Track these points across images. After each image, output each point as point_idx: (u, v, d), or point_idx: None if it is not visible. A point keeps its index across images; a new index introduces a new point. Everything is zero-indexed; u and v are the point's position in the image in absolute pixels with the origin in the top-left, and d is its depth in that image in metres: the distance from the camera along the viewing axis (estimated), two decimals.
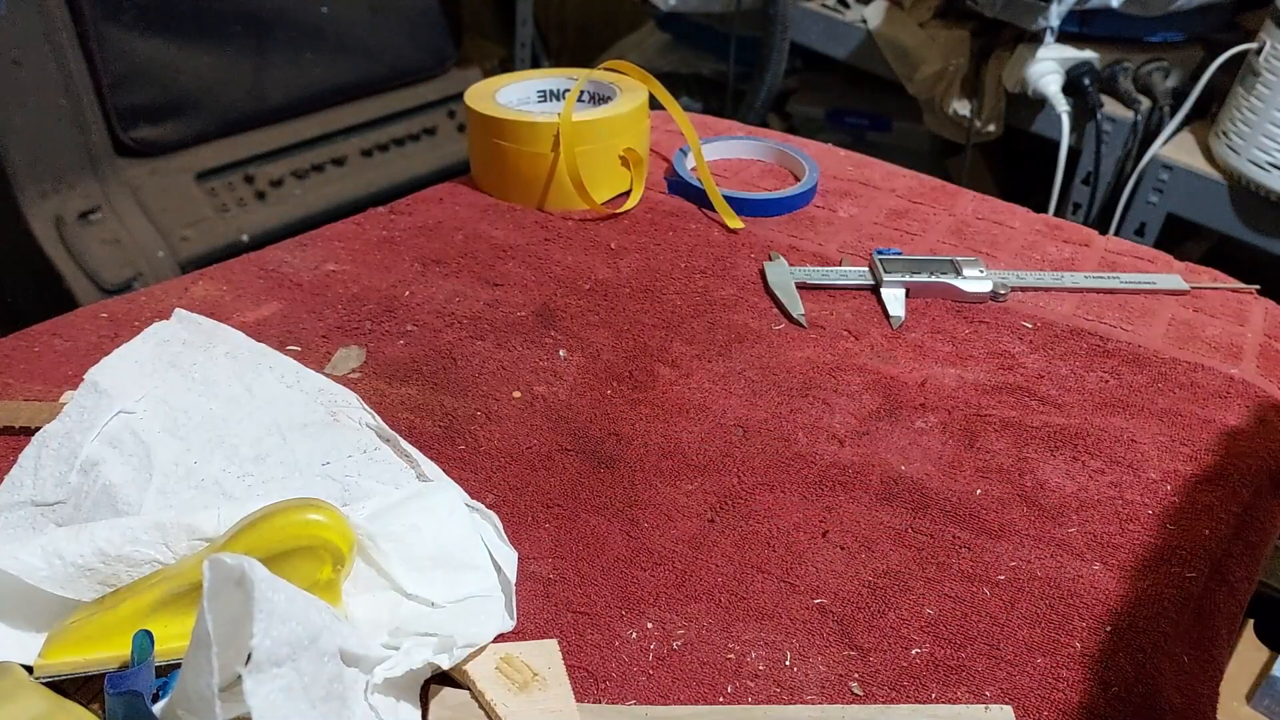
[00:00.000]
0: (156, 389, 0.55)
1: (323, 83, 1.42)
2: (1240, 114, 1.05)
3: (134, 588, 0.41)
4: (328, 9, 1.38)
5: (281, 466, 0.50)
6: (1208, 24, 1.17)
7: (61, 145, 1.17)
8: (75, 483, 0.48)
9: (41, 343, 0.61)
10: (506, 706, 0.40)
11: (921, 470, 0.55)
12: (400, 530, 0.44)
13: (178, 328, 0.60)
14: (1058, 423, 0.58)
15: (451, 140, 1.57)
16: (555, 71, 0.88)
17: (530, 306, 0.68)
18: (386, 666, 0.38)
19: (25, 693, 0.36)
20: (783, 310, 0.68)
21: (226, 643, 0.32)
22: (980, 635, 0.45)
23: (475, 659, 0.42)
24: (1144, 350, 0.65)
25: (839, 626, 0.45)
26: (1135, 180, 1.15)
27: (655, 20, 1.64)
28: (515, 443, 0.56)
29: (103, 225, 1.20)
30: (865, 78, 1.38)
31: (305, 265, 0.71)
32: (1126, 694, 0.43)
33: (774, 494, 0.53)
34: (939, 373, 0.63)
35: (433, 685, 0.42)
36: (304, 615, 0.34)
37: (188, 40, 1.25)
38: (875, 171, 0.90)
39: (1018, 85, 1.17)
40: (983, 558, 0.49)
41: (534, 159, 0.79)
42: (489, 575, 0.44)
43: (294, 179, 1.39)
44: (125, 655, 0.38)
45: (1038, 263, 0.76)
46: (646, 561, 0.48)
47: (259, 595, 0.32)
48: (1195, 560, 0.50)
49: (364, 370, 0.61)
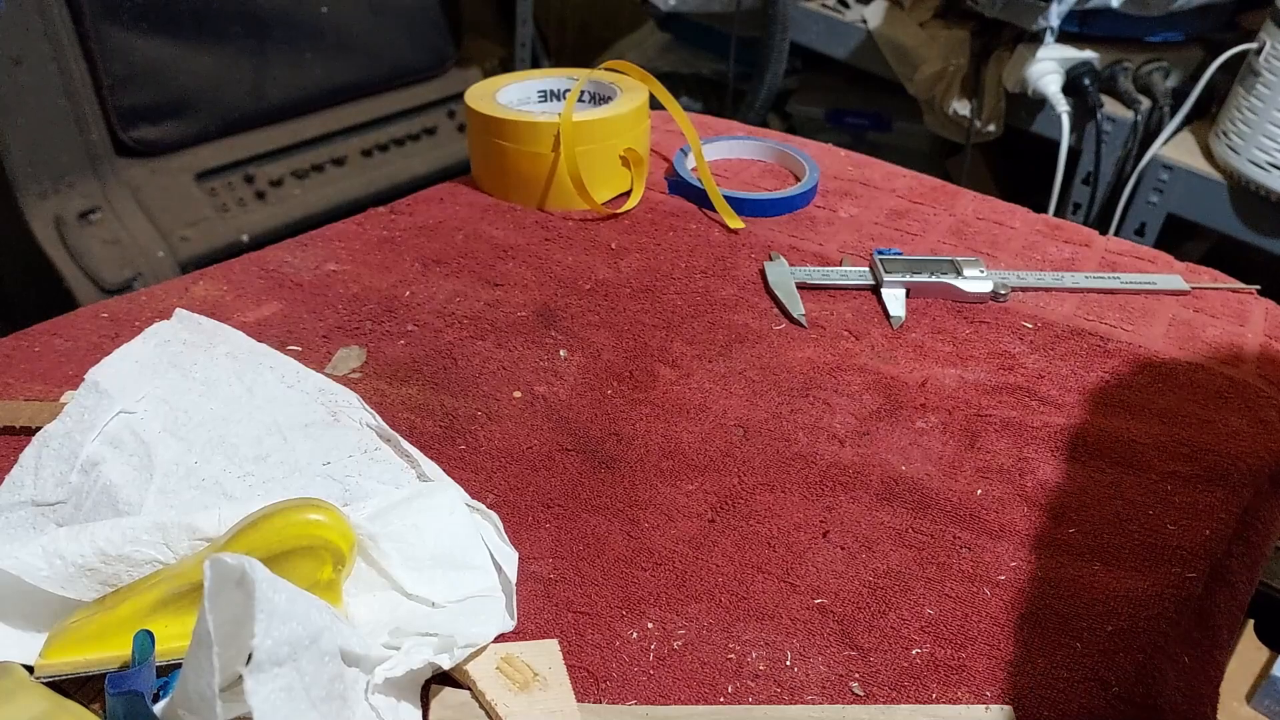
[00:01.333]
0: (157, 389, 0.55)
1: (323, 83, 1.42)
2: (1240, 114, 1.05)
3: (134, 588, 0.41)
4: (328, 9, 1.38)
5: (282, 466, 0.50)
6: (1208, 24, 1.17)
7: (61, 145, 1.17)
8: (76, 482, 0.48)
9: (41, 343, 0.61)
10: (507, 706, 0.40)
11: (922, 470, 0.55)
12: (401, 530, 0.44)
13: (178, 328, 0.60)
14: (1058, 423, 0.58)
15: (451, 140, 1.57)
16: (555, 71, 0.88)
17: (531, 306, 0.68)
18: (387, 667, 0.38)
19: (26, 692, 0.36)
20: (783, 310, 0.68)
21: (227, 642, 0.33)
22: (980, 635, 0.45)
23: (476, 659, 0.42)
24: (1144, 350, 0.65)
25: (839, 626, 0.45)
26: (1135, 180, 1.15)
27: (655, 20, 1.64)
28: (515, 443, 0.56)
29: (103, 225, 1.20)
30: (865, 78, 1.38)
31: (305, 265, 0.71)
32: (1126, 694, 0.43)
33: (774, 494, 0.53)
34: (939, 373, 0.63)
35: (433, 685, 0.42)
36: (305, 615, 0.34)
37: (188, 40, 1.25)
38: (875, 171, 0.90)
39: (1018, 85, 1.17)
40: (983, 558, 0.49)
41: (534, 159, 0.79)
42: (489, 575, 0.44)
43: (294, 179, 1.39)
44: (126, 655, 0.38)
45: (1038, 263, 0.76)
46: (647, 561, 0.48)
47: (260, 595, 0.32)
48: (1195, 560, 0.50)
49: (364, 370, 0.61)
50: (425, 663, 0.39)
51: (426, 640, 0.41)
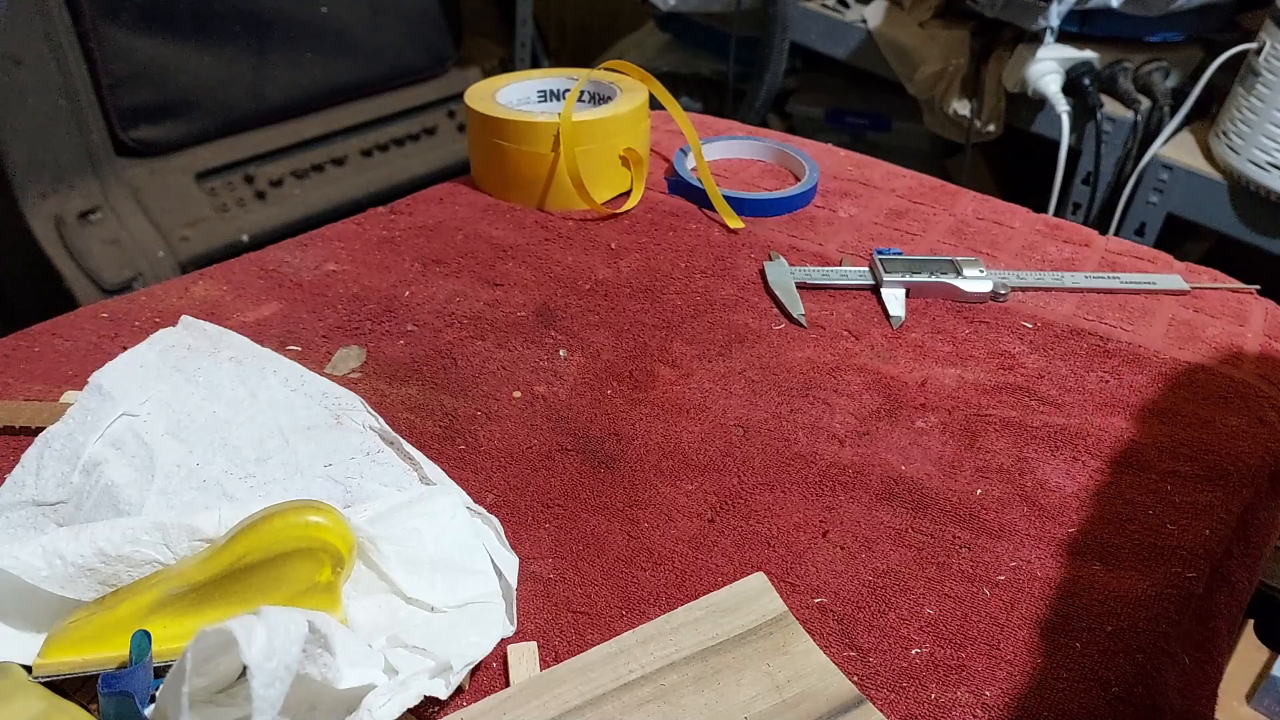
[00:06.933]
0: (160, 392, 0.55)
1: (323, 83, 1.42)
2: (1240, 114, 1.05)
3: (133, 588, 0.41)
4: (328, 9, 1.38)
5: (284, 468, 0.50)
6: (1208, 24, 1.17)
7: (61, 145, 1.17)
8: (77, 483, 0.48)
9: (41, 343, 0.61)
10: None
11: (922, 470, 0.55)
12: (401, 533, 0.44)
13: (183, 334, 0.60)
14: (1058, 423, 0.58)
15: (451, 140, 1.57)
16: (555, 71, 0.88)
17: (530, 306, 0.68)
18: (382, 704, 0.38)
19: (24, 693, 0.36)
20: (783, 310, 0.68)
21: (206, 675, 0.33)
22: (980, 635, 0.45)
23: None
24: (1144, 350, 0.65)
25: (839, 626, 0.45)
26: (1135, 180, 1.15)
27: (655, 20, 1.64)
28: (515, 443, 0.56)
29: (103, 225, 1.20)
30: (865, 78, 1.38)
31: (305, 265, 0.71)
32: (1126, 694, 0.43)
33: (774, 494, 0.53)
34: (939, 373, 0.63)
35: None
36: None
37: (188, 40, 1.25)
38: (875, 171, 0.90)
39: (1018, 85, 1.17)
40: (983, 558, 0.49)
41: (534, 159, 0.79)
42: (490, 580, 0.44)
43: (294, 179, 1.39)
44: (124, 655, 0.38)
45: (1038, 263, 0.76)
46: (647, 561, 0.48)
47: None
48: (1195, 560, 0.50)
49: (364, 370, 0.61)
50: (421, 698, 0.39)
51: (423, 666, 0.40)
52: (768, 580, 0.47)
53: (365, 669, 0.38)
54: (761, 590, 0.46)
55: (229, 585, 0.40)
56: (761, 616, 0.45)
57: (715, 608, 0.45)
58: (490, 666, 0.43)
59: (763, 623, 0.44)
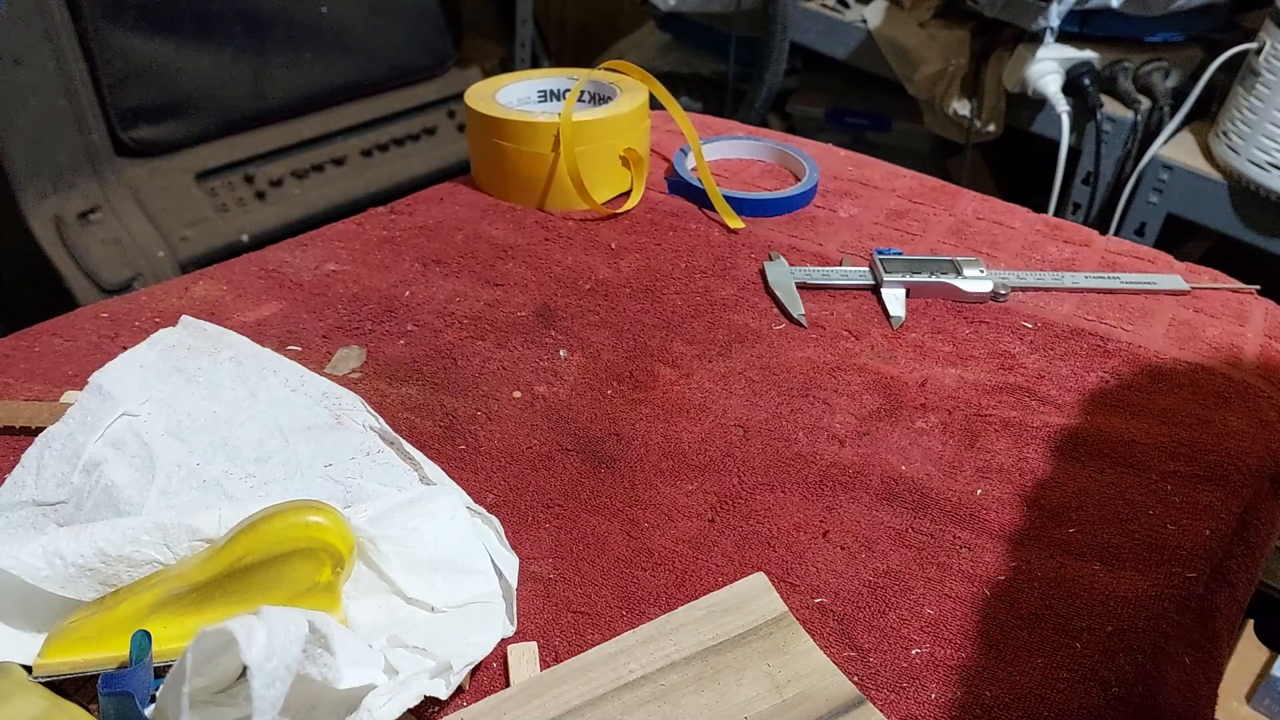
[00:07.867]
0: (161, 392, 0.55)
1: (323, 83, 1.42)
2: (1240, 114, 1.05)
3: (134, 588, 0.41)
4: (328, 9, 1.38)
5: (284, 468, 0.50)
6: (1208, 24, 1.17)
7: (61, 145, 1.17)
8: (77, 483, 0.48)
9: (41, 343, 0.61)
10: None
11: (922, 470, 0.55)
12: (401, 534, 0.44)
13: (183, 334, 0.60)
14: (1058, 423, 0.58)
15: (451, 140, 1.57)
16: (555, 71, 0.88)
17: (530, 306, 0.68)
18: (383, 704, 0.38)
19: (24, 693, 0.36)
20: (783, 310, 0.68)
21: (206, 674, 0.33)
22: (980, 635, 0.45)
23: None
24: (1144, 350, 0.65)
25: (839, 626, 0.45)
26: (1135, 180, 1.15)
27: (655, 20, 1.64)
28: (515, 443, 0.56)
29: (102, 225, 1.20)
30: (865, 78, 1.38)
31: (305, 265, 0.71)
32: (1126, 694, 0.43)
33: (774, 494, 0.53)
34: (939, 373, 0.63)
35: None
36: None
37: (188, 40, 1.25)
38: (875, 171, 0.90)
39: (1018, 85, 1.17)
40: (983, 558, 0.49)
41: (534, 159, 0.79)
42: (490, 580, 0.44)
43: (294, 179, 1.39)
44: (124, 655, 0.38)
45: (1038, 263, 0.76)
46: (647, 561, 0.48)
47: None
48: (1195, 560, 0.50)
49: (364, 370, 0.61)
50: (421, 698, 0.39)
51: (423, 666, 0.40)
52: (768, 580, 0.47)
53: (365, 669, 0.38)
54: (762, 590, 0.46)
55: (229, 585, 0.40)
56: (762, 616, 0.45)
57: (715, 608, 0.45)
58: (490, 666, 0.43)
59: (763, 623, 0.44)
